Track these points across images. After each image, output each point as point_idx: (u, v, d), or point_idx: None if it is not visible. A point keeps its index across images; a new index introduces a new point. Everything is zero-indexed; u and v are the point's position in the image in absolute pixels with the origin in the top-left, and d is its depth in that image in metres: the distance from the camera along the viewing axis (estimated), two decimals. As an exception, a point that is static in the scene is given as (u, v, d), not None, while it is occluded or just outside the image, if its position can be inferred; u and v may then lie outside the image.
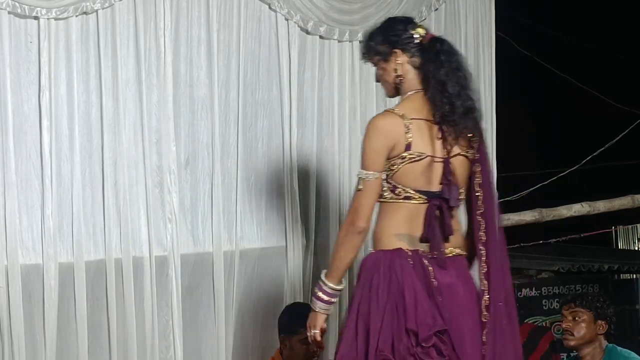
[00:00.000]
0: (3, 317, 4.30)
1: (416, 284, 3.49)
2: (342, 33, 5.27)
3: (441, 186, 3.59)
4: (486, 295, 3.62)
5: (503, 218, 6.20)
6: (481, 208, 3.69)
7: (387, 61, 3.71)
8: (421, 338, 3.43)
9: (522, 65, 9.39)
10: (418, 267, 3.54)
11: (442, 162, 3.59)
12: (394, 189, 3.58)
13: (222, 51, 4.91)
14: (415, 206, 3.58)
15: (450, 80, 3.60)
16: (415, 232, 3.57)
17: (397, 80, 3.70)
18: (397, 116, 3.58)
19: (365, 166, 3.58)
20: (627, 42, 10.93)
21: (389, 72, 3.71)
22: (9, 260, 4.32)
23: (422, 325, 3.44)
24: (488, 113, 5.84)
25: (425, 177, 3.59)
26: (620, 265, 9.27)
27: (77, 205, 4.50)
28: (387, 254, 3.55)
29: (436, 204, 3.58)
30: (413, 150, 3.56)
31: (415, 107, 3.62)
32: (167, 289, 4.69)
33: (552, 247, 10.33)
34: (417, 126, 3.58)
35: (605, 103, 9.95)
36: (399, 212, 3.58)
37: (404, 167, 3.57)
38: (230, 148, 4.90)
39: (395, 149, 3.56)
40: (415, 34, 3.68)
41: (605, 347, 4.77)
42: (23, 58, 4.43)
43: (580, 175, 9.43)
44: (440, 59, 3.63)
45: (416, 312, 3.44)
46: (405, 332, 3.44)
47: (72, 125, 4.51)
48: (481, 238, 3.68)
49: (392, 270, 3.51)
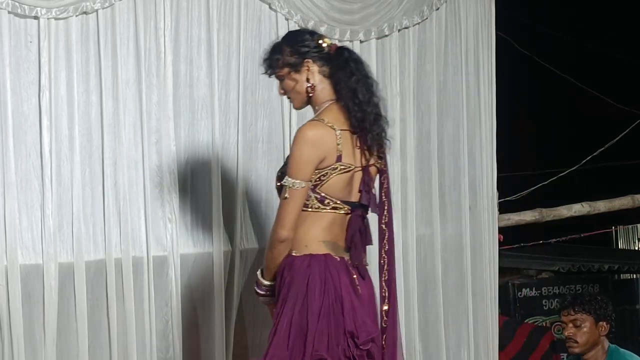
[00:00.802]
0: (3, 317, 4.30)
1: (349, 289, 3.59)
2: (342, 33, 5.27)
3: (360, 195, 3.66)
4: (386, 302, 3.72)
5: (503, 218, 6.21)
6: (386, 217, 3.76)
7: (298, 72, 3.74)
8: (360, 342, 3.51)
9: (522, 65, 9.39)
10: (347, 274, 3.63)
11: (362, 170, 3.67)
12: (323, 199, 3.63)
13: (222, 51, 4.91)
14: (340, 216, 3.65)
15: (360, 88, 3.67)
16: (337, 240, 3.65)
17: (309, 90, 3.73)
18: (329, 127, 3.62)
19: (294, 175, 3.60)
20: (627, 42, 10.93)
21: (301, 82, 3.74)
22: (8, 260, 4.32)
23: (361, 329, 3.52)
24: (488, 113, 5.84)
25: (349, 187, 3.66)
26: (620, 265, 9.26)
27: (77, 205, 4.50)
28: (319, 258, 3.60)
29: (359, 214, 3.67)
30: (343, 161, 3.63)
31: (338, 117, 3.66)
32: (166, 289, 4.69)
33: (552, 247, 10.32)
34: (344, 137, 3.64)
35: (605, 103, 9.95)
36: (324, 221, 3.64)
37: (334, 178, 3.62)
38: (230, 148, 4.90)
39: (326, 160, 3.61)
40: (323, 44, 3.75)
41: (607, 347, 4.75)
42: (23, 58, 4.43)
43: (580, 175, 9.43)
44: (350, 67, 3.70)
45: (355, 315, 3.53)
46: (343, 335, 3.51)
47: (72, 125, 4.51)
48: (384, 246, 3.77)
49: (327, 273, 3.57)
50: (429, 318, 5.57)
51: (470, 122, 5.77)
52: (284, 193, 3.61)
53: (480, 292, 5.76)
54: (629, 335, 8.85)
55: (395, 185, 5.45)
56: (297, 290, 3.57)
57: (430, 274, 5.59)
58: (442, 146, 5.67)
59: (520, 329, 7.60)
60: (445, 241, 5.68)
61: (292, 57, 3.74)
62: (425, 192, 5.61)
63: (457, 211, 5.72)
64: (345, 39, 5.28)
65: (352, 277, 3.62)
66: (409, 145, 5.51)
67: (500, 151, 5.91)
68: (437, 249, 5.61)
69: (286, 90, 3.81)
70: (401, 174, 5.48)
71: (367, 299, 3.65)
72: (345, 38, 5.28)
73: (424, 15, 5.55)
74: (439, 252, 5.62)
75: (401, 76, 5.50)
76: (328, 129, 3.61)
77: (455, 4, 5.73)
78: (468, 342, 5.70)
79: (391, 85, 5.47)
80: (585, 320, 4.71)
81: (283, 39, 3.87)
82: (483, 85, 5.82)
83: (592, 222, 9.65)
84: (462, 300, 5.69)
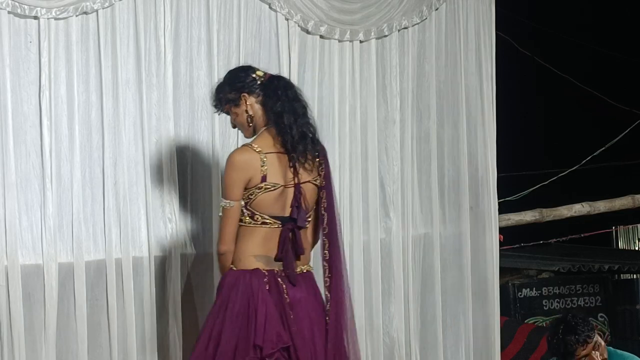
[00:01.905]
0: (3, 317, 4.30)
1: (269, 303, 3.95)
2: (342, 33, 5.27)
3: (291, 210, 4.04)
4: (328, 305, 4.07)
5: (503, 218, 6.20)
6: (326, 229, 4.12)
7: (238, 106, 4.15)
8: (265, 353, 3.88)
9: (522, 65, 9.39)
10: (273, 286, 3.99)
11: (293, 187, 4.04)
12: (253, 215, 4.02)
13: (222, 51, 4.91)
14: (270, 230, 4.03)
15: (285, 112, 4.06)
16: (271, 253, 4.02)
17: (249, 120, 4.14)
18: (254, 151, 4.03)
19: (226, 196, 4.03)
20: (627, 42, 10.92)
21: (242, 115, 4.16)
22: (9, 260, 4.32)
23: (267, 341, 3.89)
24: (489, 113, 5.84)
25: (280, 204, 4.03)
26: (620, 265, 9.26)
27: (77, 205, 4.50)
28: (246, 274, 3.99)
29: (289, 227, 4.03)
30: (268, 181, 4.01)
31: (268, 141, 4.06)
32: (166, 289, 4.69)
33: (552, 247, 10.32)
34: (271, 159, 4.03)
35: (605, 103, 9.94)
36: (256, 235, 4.03)
37: (261, 196, 4.01)
38: (230, 148, 4.89)
39: (252, 181, 4.00)
40: (256, 77, 4.15)
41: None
42: (23, 58, 4.43)
43: (580, 175, 9.42)
44: (277, 94, 4.10)
45: (265, 329, 3.90)
46: (252, 347, 3.89)
47: (72, 125, 4.51)
48: (325, 256, 4.11)
49: (248, 289, 3.96)
50: (427, 318, 5.57)
51: (470, 122, 5.76)
52: (220, 212, 4.05)
53: (480, 292, 5.75)
54: (629, 335, 8.84)
55: (395, 185, 5.46)
56: (221, 303, 3.98)
57: (429, 274, 5.59)
58: (441, 146, 5.67)
59: (520, 329, 7.60)
60: (445, 241, 5.67)
61: (231, 93, 4.15)
62: (424, 192, 5.61)
63: (457, 211, 5.72)
64: (345, 39, 5.28)
65: (280, 287, 3.99)
66: (408, 146, 5.51)
67: (500, 151, 5.91)
68: (436, 249, 5.61)
69: (233, 123, 4.24)
70: (401, 174, 5.48)
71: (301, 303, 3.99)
72: (345, 38, 5.28)
73: (423, 15, 5.55)
74: (438, 252, 5.62)
75: (401, 76, 5.50)
76: (253, 154, 4.01)
77: (454, 4, 5.73)
78: (466, 342, 5.69)
79: (391, 85, 5.47)
80: (596, 338, 4.75)
81: (224, 78, 4.23)
82: (483, 85, 5.81)
83: (592, 222, 9.64)
84: (461, 301, 5.69)
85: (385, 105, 5.47)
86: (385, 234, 5.45)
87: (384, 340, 5.38)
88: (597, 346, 4.74)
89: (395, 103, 5.47)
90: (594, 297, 8.81)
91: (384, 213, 5.45)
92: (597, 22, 11.05)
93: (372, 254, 5.37)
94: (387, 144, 5.47)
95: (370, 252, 5.37)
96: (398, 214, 5.46)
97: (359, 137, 5.34)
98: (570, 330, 4.72)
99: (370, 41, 5.39)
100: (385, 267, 5.42)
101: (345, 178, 5.27)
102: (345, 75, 5.30)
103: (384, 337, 5.38)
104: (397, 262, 5.45)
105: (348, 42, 5.28)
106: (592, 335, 4.73)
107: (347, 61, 5.31)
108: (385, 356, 5.39)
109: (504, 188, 6.46)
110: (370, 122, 5.39)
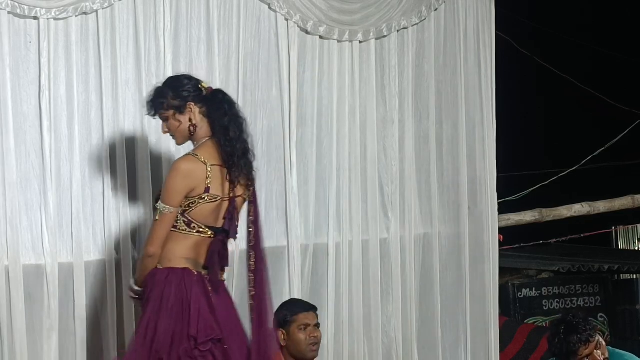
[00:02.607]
0: (3, 317, 4.31)
1: (201, 298, 4.05)
2: (341, 33, 5.28)
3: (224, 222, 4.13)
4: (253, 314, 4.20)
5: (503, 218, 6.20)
6: (252, 241, 4.25)
7: (182, 113, 4.15)
8: (199, 342, 3.98)
9: (522, 65, 9.39)
10: (201, 286, 4.08)
11: (228, 201, 4.11)
12: (189, 223, 4.07)
13: (222, 51, 4.92)
14: (203, 238, 4.10)
15: (232, 126, 4.13)
16: (200, 259, 4.10)
17: (192, 130, 4.15)
18: (200, 162, 4.06)
19: (165, 201, 4.04)
20: (627, 42, 10.92)
21: (185, 123, 4.15)
22: (9, 260, 4.32)
23: (201, 331, 3.99)
24: (488, 113, 5.84)
25: (215, 214, 4.11)
26: (620, 265, 9.25)
27: (77, 205, 4.50)
28: (177, 271, 4.05)
29: (220, 239, 4.13)
30: (211, 192, 4.07)
31: (211, 153, 4.11)
32: (166, 289, 4.68)
33: (552, 247, 10.31)
34: (214, 172, 4.08)
35: (605, 103, 9.94)
36: (189, 241, 4.08)
37: (201, 206, 4.06)
38: (230, 148, 4.89)
39: (195, 191, 4.05)
40: (201, 88, 4.18)
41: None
42: (23, 58, 4.44)
43: (580, 175, 9.42)
44: (224, 107, 4.15)
45: (198, 321, 4.00)
46: (187, 337, 3.98)
47: (72, 125, 4.52)
48: (251, 267, 4.24)
49: (182, 284, 4.03)
50: (426, 318, 5.58)
51: (470, 123, 5.77)
52: (156, 215, 4.06)
53: (479, 292, 5.76)
54: (629, 335, 8.84)
55: (394, 185, 5.46)
56: (155, 298, 4.02)
57: (429, 274, 5.60)
58: (440, 146, 5.68)
59: (520, 330, 7.59)
60: (444, 241, 5.68)
61: (176, 100, 4.14)
62: (424, 192, 5.61)
63: (456, 211, 5.72)
64: (345, 39, 5.29)
65: (206, 289, 4.08)
66: (408, 146, 5.52)
67: (500, 151, 5.91)
68: (435, 249, 5.62)
69: (170, 129, 4.20)
70: (400, 174, 5.49)
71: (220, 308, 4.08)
72: (345, 38, 5.29)
73: (422, 15, 5.55)
74: (437, 252, 5.62)
75: (400, 76, 5.51)
76: (200, 164, 4.05)
77: (454, 5, 5.73)
78: (465, 342, 5.70)
79: (390, 85, 5.48)
80: (598, 337, 4.76)
81: (164, 84, 4.21)
82: (483, 85, 5.82)
83: (592, 222, 9.64)
84: (460, 301, 5.69)
85: (384, 106, 5.47)
86: (384, 234, 5.45)
87: (383, 340, 5.39)
88: (599, 345, 4.74)
89: (394, 103, 5.48)
90: (593, 297, 8.80)
91: (383, 213, 5.46)
92: (597, 22, 11.03)
93: (371, 254, 5.37)
94: (386, 144, 5.47)
95: (369, 252, 5.38)
96: (397, 214, 5.46)
97: (358, 137, 5.35)
98: (572, 330, 4.73)
99: (369, 41, 5.39)
100: (384, 267, 5.43)
101: (345, 178, 5.28)
102: (345, 76, 5.31)
103: (382, 336, 5.39)
104: (396, 262, 5.45)
105: (347, 42, 5.29)
106: (593, 334, 4.74)
107: (347, 61, 5.32)
108: (384, 356, 5.39)
109: (503, 188, 6.47)
110: (370, 122, 5.40)
